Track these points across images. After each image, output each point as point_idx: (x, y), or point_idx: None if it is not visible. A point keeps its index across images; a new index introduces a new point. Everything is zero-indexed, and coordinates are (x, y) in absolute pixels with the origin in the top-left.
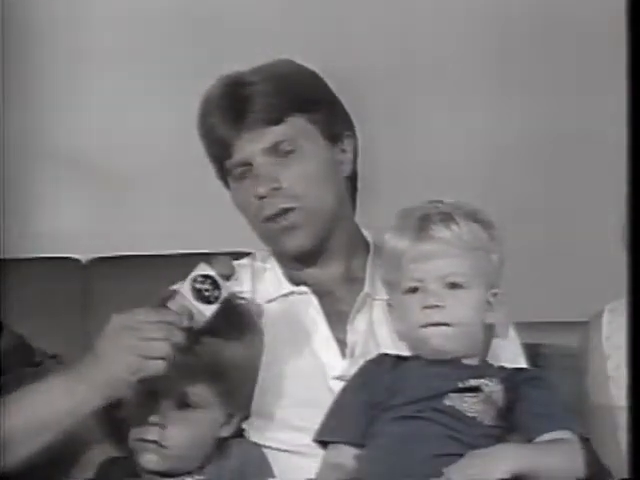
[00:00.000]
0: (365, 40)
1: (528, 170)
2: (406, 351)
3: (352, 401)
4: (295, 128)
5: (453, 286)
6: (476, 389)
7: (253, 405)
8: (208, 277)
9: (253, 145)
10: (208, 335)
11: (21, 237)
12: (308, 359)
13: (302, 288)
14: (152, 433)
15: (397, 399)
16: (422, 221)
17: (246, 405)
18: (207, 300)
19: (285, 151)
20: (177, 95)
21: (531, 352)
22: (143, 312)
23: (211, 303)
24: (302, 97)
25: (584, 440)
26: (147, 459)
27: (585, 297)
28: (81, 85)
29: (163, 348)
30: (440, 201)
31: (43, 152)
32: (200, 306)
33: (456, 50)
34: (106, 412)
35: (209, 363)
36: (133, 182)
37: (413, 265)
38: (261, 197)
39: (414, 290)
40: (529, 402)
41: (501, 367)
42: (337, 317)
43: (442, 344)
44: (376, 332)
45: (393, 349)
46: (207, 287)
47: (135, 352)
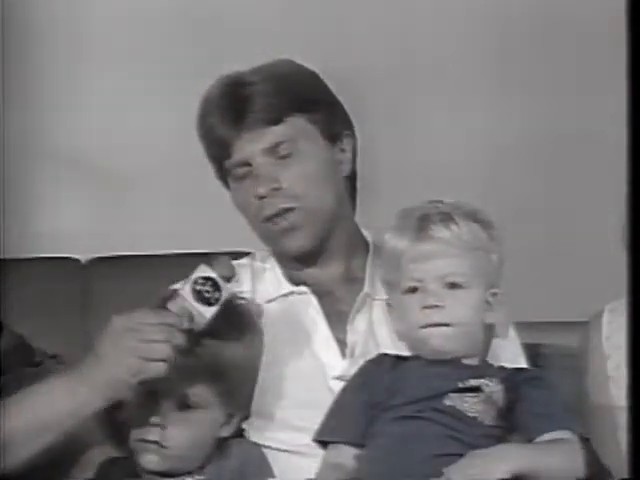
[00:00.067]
0: (365, 40)
1: (528, 170)
2: (406, 351)
3: (352, 401)
4: (295, 128)
5: (453, 286)
6: (476, 389)
7: (253, 405)
8: (209, 279)
9: (253, 145)
10: (208, 336)
11: (21, 237)
12: (308, 359)
13: (302, 288)
14: (153, 434)
15: (397, 399)
16: (422, 221)
17: (246, 405)
18: (208, 302)
19: (285, 151)
20: (177, 95)
21: (531, 352)
22: (144, 314)
23: (212, 305)
24: (302, 97)
25: (584, 440)
26: (148, 459)
27: (585, 297)
28: (81, 85)
29: (164, 350)
30: (440, 201)
31: (43, 152)
32: (201, 308)
33: (456, 50)
34: (106, 413)
35: (209, 364)
36: (133, 182)
37: (413, 265)
38: (261, 197)
39: (414, 290)
40: (529, 402)
41: (501, 367)
42: (337, 317)
43: (442, 344)
44: (376, 332)
45: (393, 349)
46: (208, 289)
47: (136, 354)
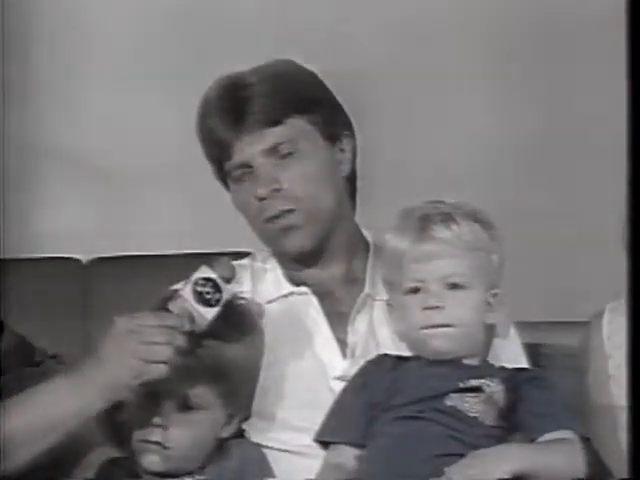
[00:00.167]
0: (365, 40)
1: (528, 170)
2: (406, 351)
3: (353, 401)
4: (295, 129)
5: (454, 287)
6: (477, 389)
7: (254, 405)
8: (209, 280)
9: (253, 147)
10: (209, 337)
11: (21, 237)
12: (309, 360)
13: (302, 288)
14: (155, 434)
15: (398, 399)
16: (423, 221)
17: (247, 406)
18: (208, 303)
19: (285, 152)
20: (177, 95)
21: (532, 352)
22: (145, 316)
23: (212, 306)
24: (301, 98)
25: (585, 440)
26: (150, 460)
27: (585, 297)
28: (81, 85)
29: (165, 352)
30: (441, 201)
31: (43, 152)
32: (201, 309)
33: (456, 50)
34: (107, 414)
35: (210, 365)
36: (133, 182)
37: (414, 265)
38: (261, 199)
39: (415, 290)
40: (530, 402)
41: (502, 367)
42: (337, 317)
43: (443, 345)
44: (376, 333)
45: (393, 350)
46: (208, 290)
47: (137, 356)
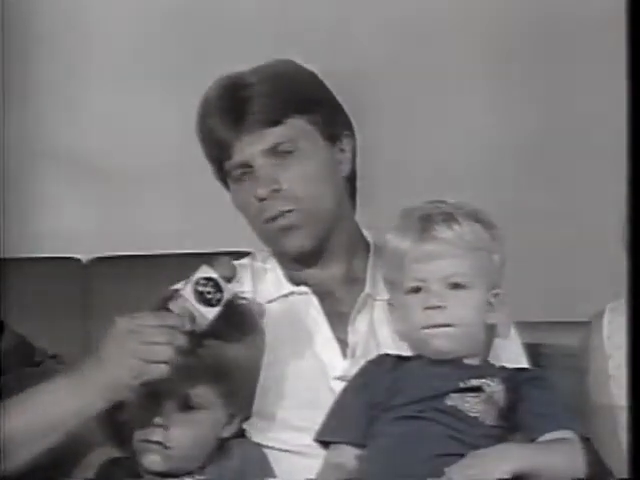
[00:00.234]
0: (365, 40)
1: (528, 170)
2: (407, 351)
3: (353, 401)
4: (294, 129)
5: (455, 286)
6: (478, 389)
7: (254, 405)
8: (210, 280)
9: (253, 147)
10: (210, 337)
11: (21, 237)
12: (309, 359)
13: (302, 288)
14: (156, 434)
15: (398, 399)
16: (424, 221)
17: (248, 405)
18: (209, 303)
19: (285, 152)
20: (177, 95)
21: (532, 352)
22: (146, 316)
23: (213, 306)
24: (301, 98)
25: (585, 440)
26: (151, 460)
27: (585, 297)
28: (81, 85)
29: (166, 352)
30: (442, 201)
31: (43, 152)
32: (202, 309)
33: (456, 50)
34: (107, 414)
35: (212, 364)
36: (133, 182)
37: (416, 265)
38: (261, 199)
39: (416, 290)
40: (530, 402)
41: (502, 367)
42: (338, 317)
43: (444, 345)
44: (377, 332)
45: (394, 349)
46: (209, 290)
47: (138, 356)
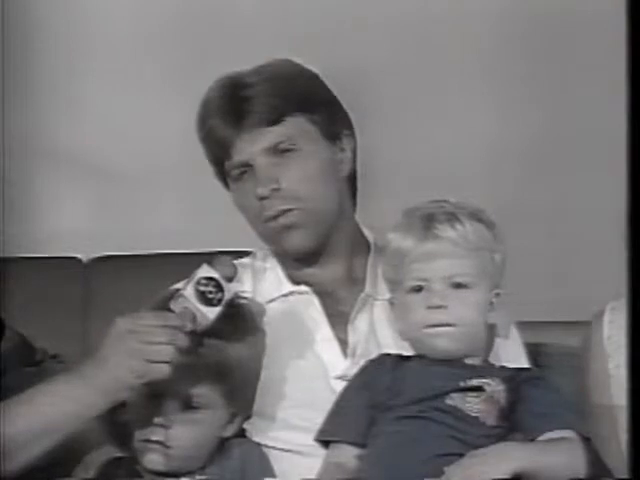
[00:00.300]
0: (365, 40)
1: (528, 170)
2: (407, 351)
3: (354, 401)
4: (295, 128)
5: (458, 286)
6: (478, 389)
7: (255, 405)
8: (211, 279)
9: (253, 146)
10: (211, 336)
11: (21, 237)
12: (309, 359)
13: (303, 288)
14: (157, 434)
15: (399, 399)
16: (427, 221)
17: (249, 405)
18: (211, 303)
19: (285, 151)
20: (177, 95)
21: (533, 352)
22: (146, 316)
23: (215, 306)
24: (301, 97)
25: (585, 439)
26: (152, 460)
27: (585, 297)
28: (81, 85)
29: (167, 352)
30: (444, 200)
31: (43, 152)
32: (204, 309)
33: (456, 50)
34: (108, 414)
35: (213, 364)
36: (133, 182)
37: (418, 265)
38: (262, 198)
39: (418, 289)
40: (531, 402)
41: (503, 367)
42: (338, 317)
43: (446, 345)
44: (377, 332)
45: (394, 349)
46: (211, 289)
47: (139, 356)
